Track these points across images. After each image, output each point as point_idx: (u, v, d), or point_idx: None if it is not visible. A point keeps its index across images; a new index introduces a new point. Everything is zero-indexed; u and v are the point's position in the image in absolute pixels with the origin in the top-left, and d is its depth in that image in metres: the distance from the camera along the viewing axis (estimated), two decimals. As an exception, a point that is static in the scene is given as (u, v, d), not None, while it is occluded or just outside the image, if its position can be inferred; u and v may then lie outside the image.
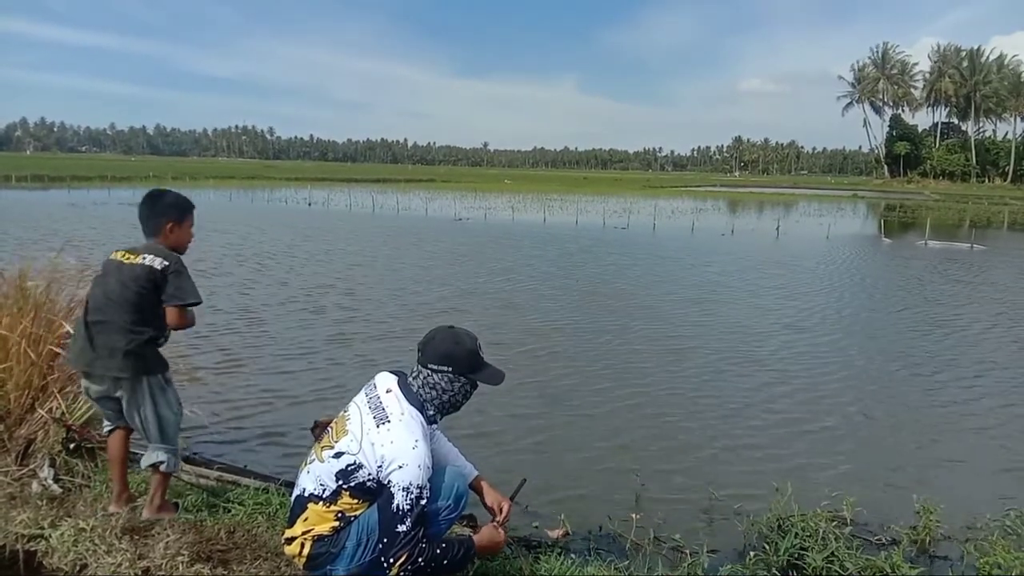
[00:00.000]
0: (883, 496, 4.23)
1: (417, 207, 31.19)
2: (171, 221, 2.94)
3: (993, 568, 3.11)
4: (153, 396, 2.88)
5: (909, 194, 65.32)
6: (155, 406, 2.89)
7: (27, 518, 2.76)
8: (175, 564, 2.50)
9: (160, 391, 2.91)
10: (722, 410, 5.73)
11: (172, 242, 2.95)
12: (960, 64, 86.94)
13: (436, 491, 2.36)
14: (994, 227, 29.68)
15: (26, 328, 3.51)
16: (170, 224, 2.94)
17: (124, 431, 3.00)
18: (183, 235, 3.01)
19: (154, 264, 2.79)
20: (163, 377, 2.94)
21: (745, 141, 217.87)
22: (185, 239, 3.03)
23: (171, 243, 2.95)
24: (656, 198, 45.44)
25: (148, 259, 2.81)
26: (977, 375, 7.01)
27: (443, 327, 2.51)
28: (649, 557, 3.34)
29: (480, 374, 2.46)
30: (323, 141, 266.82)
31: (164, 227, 2.93)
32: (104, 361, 2.79)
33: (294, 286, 10.81)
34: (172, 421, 2.97)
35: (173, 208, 2.98)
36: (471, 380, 2.45)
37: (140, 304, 2.79)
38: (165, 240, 2.93)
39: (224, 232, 18.05)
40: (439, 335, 2.46)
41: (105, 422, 3.04)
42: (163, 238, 2.93)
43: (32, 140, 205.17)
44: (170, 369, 2.99)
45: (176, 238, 2.97)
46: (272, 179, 58.01)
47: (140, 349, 2.82)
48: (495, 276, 12.50)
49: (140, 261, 2.81)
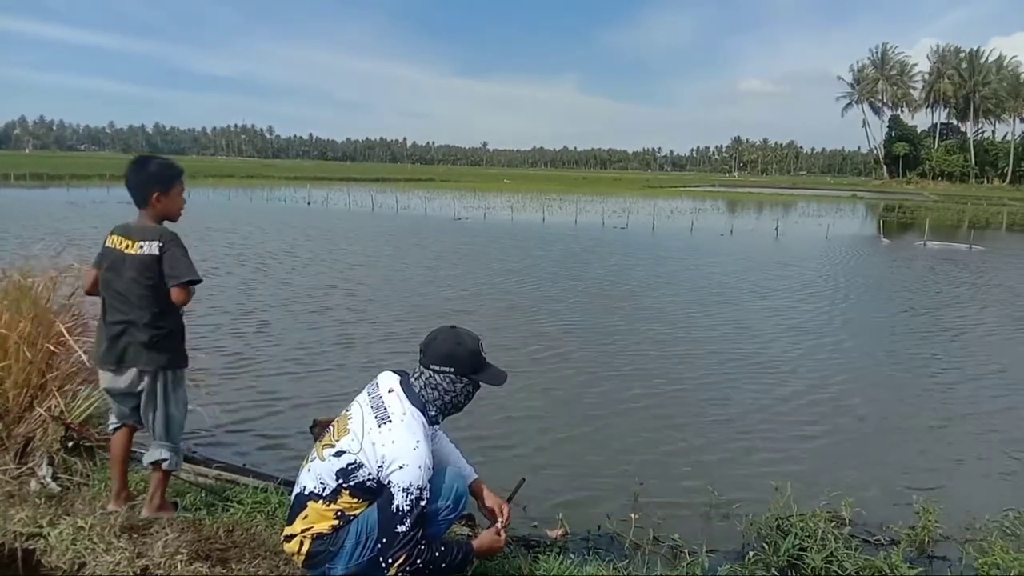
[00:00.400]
0: (882, 497, 4.23)
1: (416, 206, 31.17)
2: (157, 191, 2.84)
3: (992, 569, 3.11)
4: (166, 392, 2.90)
5: (908, 195, 65.40)
6: (165, 403, 2.90)
7: (25, 516, 2.76)
8: (174, 563, 2.49)
9: (173, 389, 2.92)
10: (721, 411, 5.73)
11: (160, 211, 2.87)
12: (959, 65, 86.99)
13: (436, 491, 2.36)
14: (993, 228, 29.72)
15: (25, 326, 3.50)
16: (156, 194, 2.84)
17: (129, 430, 3.00)
18: (171, 204, 2.91)
19: (152, 251, 2.77)
20: (179, 374, 2.95)
21: (744, 141, 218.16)
22: (174, 207, 2.93)
23: (159, 212, 2.87)
24: (655, 198, 45.45)
25: (146, 246, 2.77)
26: (976, 376, 7.01)
27: (445, 327, 2.50)
28: (648, 557, 3.33)
29: (482, 375, 2.45)
30: (322, 140, 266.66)
31: (151, 197, 2.84)
32: (131, 356, 2.81)
33: (295, 286, 10.81)
34: (178, 420, 2.98)
35: (157, 177, 2.87)
36: (473, 381, 2.44)
37: (156, 296, 2.79)
38: (153, 210, 2.85)
39: (225, 232, 18.05)
40: (441, 335, 2.45)
41: (112, 419, 3.02)
42: (151, 208, 2.85)
43: (31, 138, 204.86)
44: (187, 368, 3.00)
45: (164, 207, 2.88)
46: (271, 178, 57.97)
47: (164, 343, 2.84)
48: (498, 277, 12.50)
49: (139, 251, 2.77)
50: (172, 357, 2.90)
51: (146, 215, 2.86)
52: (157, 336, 2.82)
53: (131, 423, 2.99)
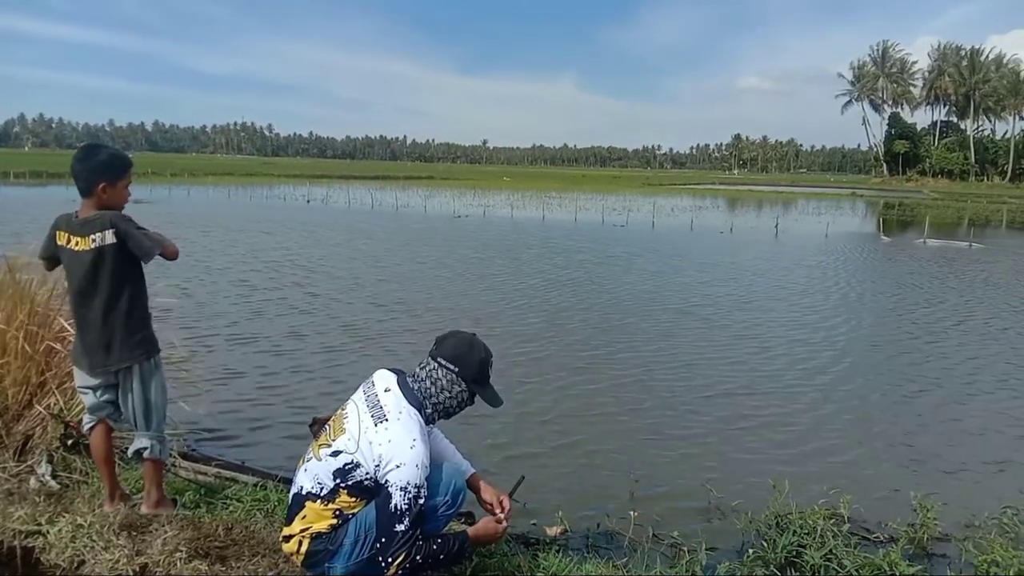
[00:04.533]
0: (881, 494, 4.23)
1: (416, 204, 31.13)
2: (104, 182, 2.76)
3: (991, 566, 3.11)
4: (143, 380, 2.86)
5: (908, 192, 65.31)
6: (144, 390, 2.87)
7: (25, 514, 2.76)
8: (173, 560, 2.49)
9: (149, 375, 2.88)
10: (721, 409, 5.73)
11: (104, 203, 2.78)
12: (959, 63, 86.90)
13: (434, 487, 2.36)
14: (993, 225, 29.69)
15: (23, 322, 3.50)
16: (103, 185, 2.76)
17: (105, 427, 2.95)
18: (116, 196, 2.82)
19: (108, 240, 2.70)
20: (154, 361, 2.91)
21: (744, 139, 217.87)
22: (119, 200, 2.84)
23: (103, 204, 2.78)
24: (655, 196, 45.39)
25: (97, 238, 2.69)
26: (975, 373, 7.01)
27: (464, 331, 2.57)
28: (647, 554, 3.33)
29: (481, 390, 2.48)
30: (322, 138, 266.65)
31: (96, 188, 2.75)
32: (105, 355, 2.78)
33: (297, 285, 10.80)
34: (159, 407, 2.93)
35: (105, 168, 2.78)
36: (471, 390, 2.47)
37: (118, 289, 2.76)
38: (98, 201, 2.76)
39: (228, 230, 18.04)
40: (458, 336, 2.51)
41: (86, 417, 2.96)
42: (95, 199, 2.76)
43: (30, 136, 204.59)
44: (160, 353, 2.97)
45: (108, 199, 2.79)
46: (271, 176, 57.89)
47: (135, 336, 2.82)
48: (497, 278, 12.48)
49: (91, 246, 2.70)
50: (145, 347, 2.86)
51: (89, 205, 2.77)
52: (127, 330, 2.79)
53: (106, 417, 2.94)
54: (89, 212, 2.77)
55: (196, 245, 14.30)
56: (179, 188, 36.71)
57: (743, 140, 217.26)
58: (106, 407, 2.92)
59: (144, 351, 2.86)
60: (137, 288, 2.85)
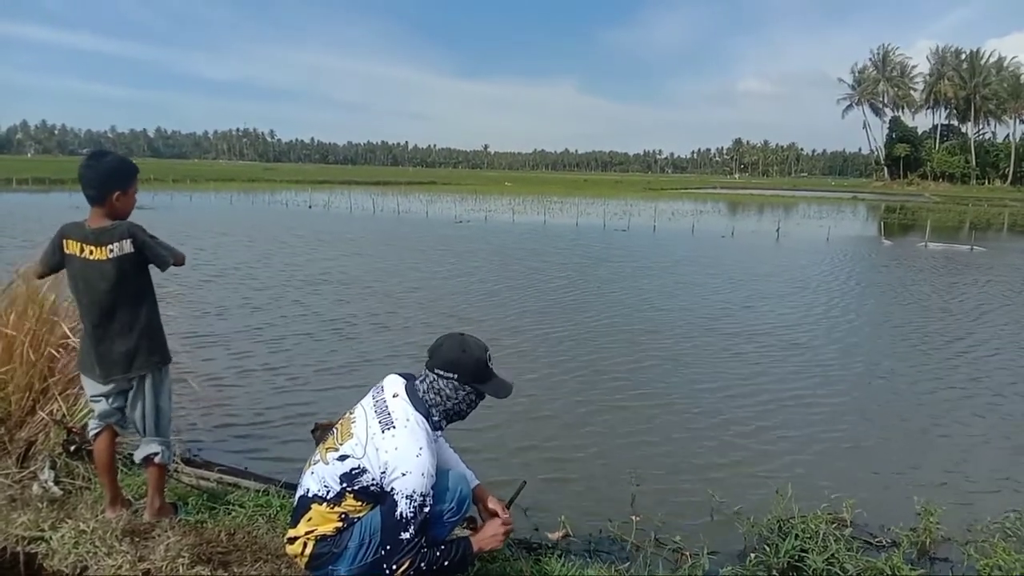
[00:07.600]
0: (883, 498, 4.23)
1: (418, 210, 31.19)
2: (118, 190, 2.74)
3: (993, 570, 3.10)
4: (155, 387, 2.88)
5: (909, 196, 65.33)
6: (155, 397, 2.88)
7: (28, 520, 2.76)
8: (175, 566, 2.50)
9: (161, 382, 2.90)
10: (722, 413, 5.73)
11: (116, 211, 2.76)
12: (959, 66, 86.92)
13: (440, 493, 2.35)
14: (994, 229, 29.68)
15: (31, 329, 3.51)
16: (117, 193, 2.74)
17: (111, 432, 2.95)
18: (128, 203, 2.81)
19: (126, 250, 2.71)
20: (166, 368, 2.94)
21: (745, 143, 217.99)
22: (129, 207, 2.82)
23: (115, 212, 2.76)
24: (656, 200, 45.44)
25: (115, 248, 2.70)
26: (977, 378, 7.00)
27: (454, 334, 2.48)
28: (650, 559, 3.33)
29: (486, 385, 2.44)
30: (323, 144, 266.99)
31: (110, 197, 2.73)
32: (126, 364, 2.79)
33: (297, 285, 10.82)
34: (167, 412, 2.95)
35: (119, 175, 2.77)
36: (476, 390, 2.44)
37: (135, 299, 2.78)
38: (111, 209, 2.74)
39: (232, 235, 18.06)
40: (448, 342, 2.44)
41: (92, 424, 2.95)
42: (108, 207, 2.74)
43: (33, 143, 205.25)
44: (171, 361, 2.98)
45: (121, 207, 2.77)
46: (273, 182, 58.05)
47: (150, 344, 2.83)
48: (500, 280, 12.50)
49: (108, 256, 2.69)
50: (159, 355, 2.88)
51: (99, 213, 2.75)
52: (149, 339, 2.81)
53: (114, 423, 2.94)
54: (100, 221, 2.75)
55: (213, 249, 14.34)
56: (181, 194, 36.79)
57: (744, 144, 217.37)
58: (115, 413, 2.93)
59: (161, 358, 2.88)
60: (153, 296, 2.88)
